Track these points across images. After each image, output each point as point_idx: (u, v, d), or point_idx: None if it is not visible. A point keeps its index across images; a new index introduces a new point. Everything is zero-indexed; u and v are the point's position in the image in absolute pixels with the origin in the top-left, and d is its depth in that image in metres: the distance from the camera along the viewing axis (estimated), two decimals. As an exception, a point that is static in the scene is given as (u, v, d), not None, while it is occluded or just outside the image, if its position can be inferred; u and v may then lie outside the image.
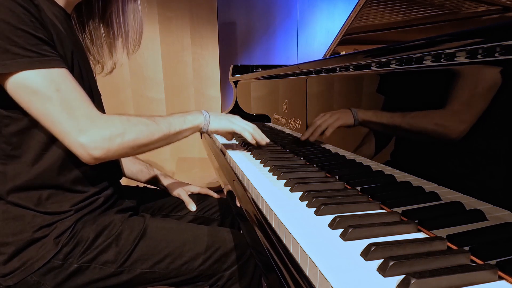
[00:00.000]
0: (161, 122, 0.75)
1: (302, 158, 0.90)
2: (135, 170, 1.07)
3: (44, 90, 0.61)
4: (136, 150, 0.72)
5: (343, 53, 1.29)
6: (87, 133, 0.63)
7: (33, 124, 0.66)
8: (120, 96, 2.20)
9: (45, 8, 0.66)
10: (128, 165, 1.06)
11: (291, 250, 0.48)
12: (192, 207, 1.02)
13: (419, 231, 0.48)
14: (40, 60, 0.60)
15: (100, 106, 0.83)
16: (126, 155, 0.71)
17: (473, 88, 0.44)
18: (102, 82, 0.88)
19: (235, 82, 1.72)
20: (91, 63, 0.88)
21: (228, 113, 1.70)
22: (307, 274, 0.42)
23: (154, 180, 1.08)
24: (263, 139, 0.95)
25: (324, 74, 0.85)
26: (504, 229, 0.40)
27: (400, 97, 0.59)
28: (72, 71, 0.69)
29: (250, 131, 0.92)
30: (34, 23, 0.60)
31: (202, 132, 0.85)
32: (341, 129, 0.78)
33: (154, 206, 1.00)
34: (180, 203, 1.03)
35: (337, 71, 0.78)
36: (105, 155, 0.66)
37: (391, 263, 0.37)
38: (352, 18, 1.33)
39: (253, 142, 0.93)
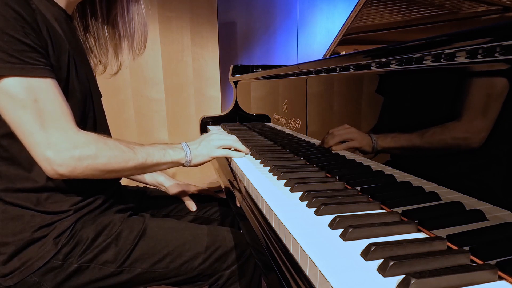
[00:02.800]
0: (139, 151, 0.74)
1: (302, 158, 0.90)
2: None
3: (20, 98, 0.59)
4: (106, 174, 0.70)
5: (343, 53, 1.29)
6: (56, 147, 0.61)
7: None
8: (120, 96, 2.20)
9: (43, 10, 0.66)
10: None
11: (291, 250, 0.48)
12: (192, 207, 1.02)
13: (419, 231, 0.48)
14: (22, 67, 0.59)
15: (99, 107, 0.83)
16: (93, 177, 0.68)
17: (473, 88, 0.44)
18: (102, 82, 0.88)
19: (235, 82, 1.72)
20: (92, 63, 0.88)
21: (227, 113, 1.71)
22: (307, 274, 0.42)
23: (154, 180, 1.08)
24: (246, 150, 0.95)
25: (324, 74, 0.85)
26: (504, 229, 0.40)
27: (399, 97, 0.59)
28: (68, 72, 0.69)
29: (232, 146, 0.92)
30: (25, 28, 0.59)
31: (183, 166, 0.84)
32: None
33: (154, 206, 1.00)
34: (180, 203, 1.03)
35: (337, 71, 0.78)
36: (70, 173, 0.64)
37: (391, 263, 0.37)
38: (352, 18, 1.33)
39: (238, 156, 0.93)
